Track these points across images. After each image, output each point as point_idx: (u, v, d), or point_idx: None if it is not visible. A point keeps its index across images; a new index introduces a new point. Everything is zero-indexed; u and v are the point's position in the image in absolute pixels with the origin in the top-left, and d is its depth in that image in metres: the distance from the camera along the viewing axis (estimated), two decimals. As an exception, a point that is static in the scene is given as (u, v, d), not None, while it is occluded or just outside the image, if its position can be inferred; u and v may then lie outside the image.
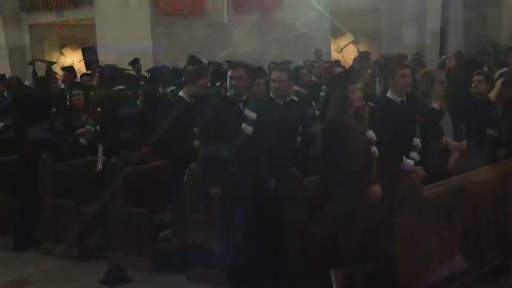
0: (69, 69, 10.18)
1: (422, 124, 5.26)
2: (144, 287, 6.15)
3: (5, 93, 9.07)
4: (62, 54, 17.79)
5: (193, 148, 6.09)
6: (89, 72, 10.48)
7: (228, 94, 5.58)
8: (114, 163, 6.54)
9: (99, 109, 7.69)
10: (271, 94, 6.02)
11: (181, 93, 6.46)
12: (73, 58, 17.17)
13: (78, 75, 10.45)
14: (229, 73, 5.50)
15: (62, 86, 9.89)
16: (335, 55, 18.04)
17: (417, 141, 5.23)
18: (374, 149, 4.90)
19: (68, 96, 8.65)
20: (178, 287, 6.04)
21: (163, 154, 6.65)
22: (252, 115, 5.44)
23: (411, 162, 5.14)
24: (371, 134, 4.93)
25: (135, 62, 12.27)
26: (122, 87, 7.47)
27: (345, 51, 18.86)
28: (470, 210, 5.21)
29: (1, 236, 7.57)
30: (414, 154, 5.20)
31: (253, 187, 5.38)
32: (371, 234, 4.81)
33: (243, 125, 5.39)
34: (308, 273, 5.33)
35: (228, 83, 5.52)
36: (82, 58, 16.17)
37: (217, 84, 7.57)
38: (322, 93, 8.15)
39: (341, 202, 4.85)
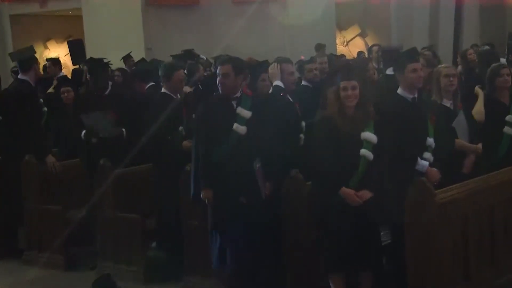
0: (55, 61, 10.16)
1: (436, 123, 5.22)
2: (135, 298, 6.17)
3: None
4: (46, 47, 17.79)
5: (183, 149, 6.09)
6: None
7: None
8: (104, 165, 6.55)
9: None
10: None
11: (163, 90, 6.49)
12: (59, 52, 17.16)
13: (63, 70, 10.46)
14: (217, 70, 5.49)
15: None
16: (340, 49, 18.04)
17: (430, 141, 5.18)
18: (364, 151, 4.89)
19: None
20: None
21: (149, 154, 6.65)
22: (246, 113, 5.38)
23: (425, 163, 5.09)
24: (366, 135, 4.91)
25: (128, 58, 12.31)
26: None
27: (352, 44, 18.87)
28: (487, 215, 5.21)
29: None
30: (427, 154, 5.14)
31: (246, 191, 5.32)
32: (357, 238, 4.84)
33: (235, 125, 5.33)
34: (310, 278, 5.34)
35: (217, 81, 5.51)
36: (68, 52, 16.15)
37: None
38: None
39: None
